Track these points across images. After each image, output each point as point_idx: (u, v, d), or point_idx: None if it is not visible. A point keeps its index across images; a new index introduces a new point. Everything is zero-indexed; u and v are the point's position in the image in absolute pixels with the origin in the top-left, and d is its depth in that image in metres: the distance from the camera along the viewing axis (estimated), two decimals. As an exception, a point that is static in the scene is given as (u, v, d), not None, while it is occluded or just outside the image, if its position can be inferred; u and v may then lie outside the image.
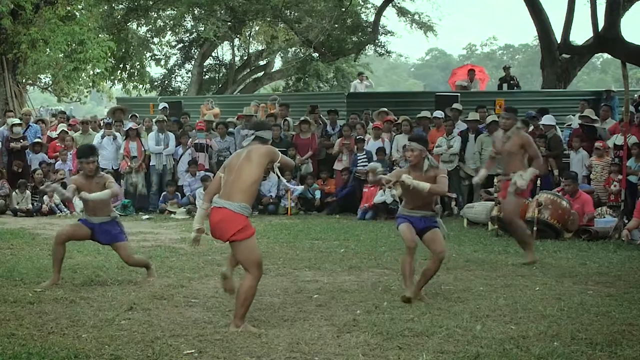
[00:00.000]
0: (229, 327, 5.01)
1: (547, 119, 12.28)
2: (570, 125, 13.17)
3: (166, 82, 28.46)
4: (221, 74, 28.95)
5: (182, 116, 15.28)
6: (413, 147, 6.09)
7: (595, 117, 12.44)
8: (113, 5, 24.04)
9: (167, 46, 27.99)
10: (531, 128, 12.67)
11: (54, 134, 14.45)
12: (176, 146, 13.70)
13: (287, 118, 14.32)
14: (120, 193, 13.26)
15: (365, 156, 12.77)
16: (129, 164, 13.41)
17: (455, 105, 13.40)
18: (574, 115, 13.47)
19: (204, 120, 14.27)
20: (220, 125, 14.11)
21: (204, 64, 27.90)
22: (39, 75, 21.54)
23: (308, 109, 14.52)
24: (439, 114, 13.24)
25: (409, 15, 24.76)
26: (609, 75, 52.88)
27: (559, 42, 14.76)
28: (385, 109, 14.14)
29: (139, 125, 14.02)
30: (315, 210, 13.15)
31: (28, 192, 12.79)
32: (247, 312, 5.06)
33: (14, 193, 12.74)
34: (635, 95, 13.37)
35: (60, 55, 19.67)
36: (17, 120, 13.98)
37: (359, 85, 19.97)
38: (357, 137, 13.06)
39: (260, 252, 5.24)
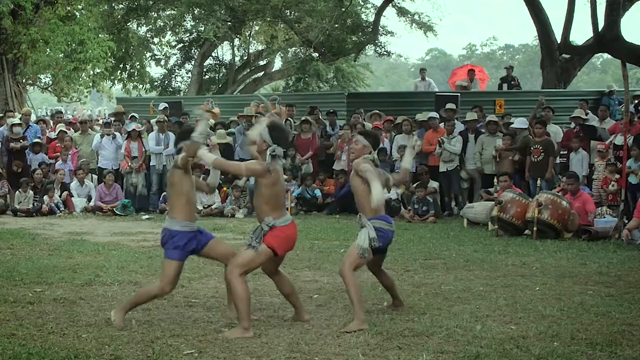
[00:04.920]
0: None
1: (518, 122, 12.33)
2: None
3: (166, 82, 28.44)
4: (221, 74, 28.93)
5: (182, 116, 15.27)
6: (358, 139, 5.52)
7: (586, 117, 12.44)
8: (113, 5, 24.06)
9: (167, 46, 27.98)
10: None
11: (53, 135, 14.45)
12: (176, 146, 13.67)
13: (289, 119, 14.29)
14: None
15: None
16: (129, 164, 13.41)
17: (448, 106, 13.38)
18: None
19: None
20: (219, 126, 14.09)
21: (204, 64, 27.87)
22: (39, 75, 21.58)
23: (308, 110, 14.50)
24: (434, 114, 13.21)
25: (409, 15, 24.72)
26: (609, 75, 52.84)
27: (559, 42, 14.77)
28: (378, 111, 14.07)
29: (141, 128, 13.98)
30: (315, 210, 13.14)
31: (31, 191, 12.77)
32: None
33: (17, 192, 12.73)
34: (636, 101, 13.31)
35: (60, 55, 19.69)
36: (17, 120, 13.97)
37: (420, 83, 18.58)
38: None
39: None
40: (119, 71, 25.86)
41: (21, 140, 13.50)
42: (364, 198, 5.27)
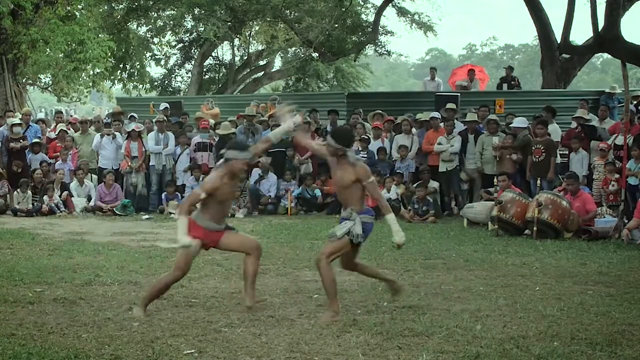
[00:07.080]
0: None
1: (518, 122, 12.31)
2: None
3: (166, 82, 28.46)
4: (221, 74, 28.94)
5: (182, 116, 15.27)
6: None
7: (589, 117, 12.44)
8: (113, 5, 24.06)
9: (167, 46, 27.99)
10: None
11: (53, 135, 14.45)
12: (175, 146, 13.69)
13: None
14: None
15: (366, 156, 12.77)
16: (129, 163, 13.40)
17: (448, 105, 13.38)
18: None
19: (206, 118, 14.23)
20: (219, 125, 14.06)
21: (204, 64, 27.89)
22: (39, 75, 21.55)
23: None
24: (435, 114, 13.21)
25: (409, 15, 24.76)
26: (609, 75, 52.89)
27: (559, 42, 14.78)
28: (380, 111, 14.06)
29: (141, 128, 13.97)
30: (315, 210, 13.13)
31: (29, 192, 12.77)
32: None
33: (15, 192, 12.72)
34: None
35: (60, 55, 19.67)
36: (17, 120, 13.96)
37: (429, 83, 18.17)
38: (362, 137, 13.02)
39: None
40: (119, 71, 25.85)
41: (21, 140, 13.50)
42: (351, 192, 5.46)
